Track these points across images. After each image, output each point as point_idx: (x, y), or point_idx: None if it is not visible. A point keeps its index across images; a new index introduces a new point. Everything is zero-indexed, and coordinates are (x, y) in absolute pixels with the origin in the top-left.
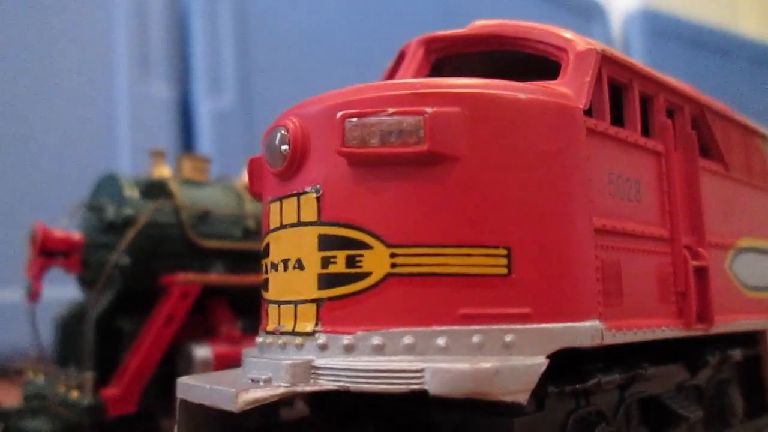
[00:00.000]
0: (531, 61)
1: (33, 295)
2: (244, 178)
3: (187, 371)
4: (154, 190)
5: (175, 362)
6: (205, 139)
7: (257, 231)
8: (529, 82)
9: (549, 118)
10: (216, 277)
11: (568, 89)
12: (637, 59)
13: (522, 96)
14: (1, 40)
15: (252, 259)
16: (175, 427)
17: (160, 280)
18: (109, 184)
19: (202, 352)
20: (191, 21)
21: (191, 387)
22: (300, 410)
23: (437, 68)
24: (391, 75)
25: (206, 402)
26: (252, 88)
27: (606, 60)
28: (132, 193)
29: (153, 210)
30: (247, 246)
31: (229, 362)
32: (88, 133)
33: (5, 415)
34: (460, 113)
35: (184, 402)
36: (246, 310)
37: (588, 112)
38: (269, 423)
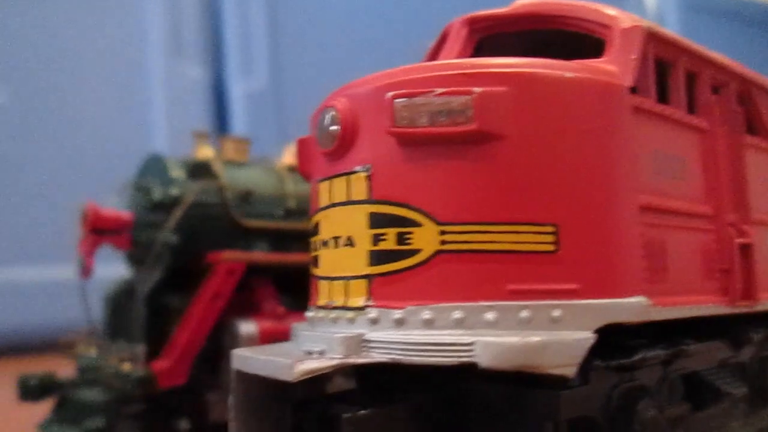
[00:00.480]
0: (571, 40)
1: (85, 271)
2: (284, 158)
3: (233, 347)
4: (199, 170)
5: (219, 338)
6: (238, 120)
7: (298, 211)
8: (574, 61)
9: (595, 97)
10: (260, 255)
11: (614, 67)
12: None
13: (568, 74)
14: (39, 24)
15: (293, 239)
16: (230, 397)
17: (205, 258)
18: (155, 165)
19: (247, 328)
20: (223, 2)
21: (247, 358)
22: (338, 384)
23: (479, 48)
24: (434, 55)
25: (262, 372)
26: (284, 68)
27: (652, 37)
28: (178, 173)
29: (198, 190)
30: (288, 225)
31: (273, 338)
32: (125, 114)
33: (61, 385)
34: (507, 92)
35: (239, 373)
36: (287, 288)
37: (633, 90)
38: (317, 395)
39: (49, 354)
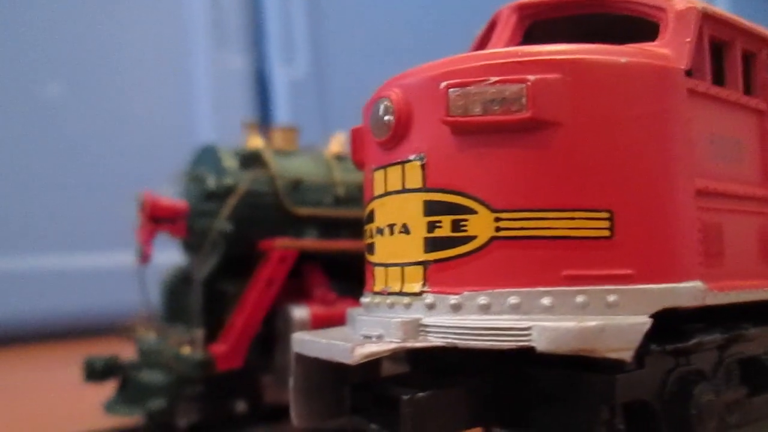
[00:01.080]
0: (623, 23)
1: (144, 258)
2: (331, 147)
3: (286, 331)
4: (250, 160)
5: (272, 323)
6: (281, 107)
7: (346, 198)
8: (627, 45)
9: (650, 81)
10: (311, 242)
11: (668, 50)
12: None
13: (622, 60)
14: (89, 20)
15: (342, 226)
16: (291, 379)
17: (258, 245)
18: (208, 155)
19: (299, 313)
20: None
21: (307, 342)
22: (386, 369)
23: (528, 35)
24: (483, 42)
25: (323, 356)
26: (325, 55)
27: (707, 18)
28: (230, 163)
29: (251, 179)
30: (337, 213)
31: (324, 323)
32: (172, 104)
33: (124, 367)
34: (561, 79)
35: (299, 356)
36: (336, 274)
37: (688, 73)
38: (372, 378)
39: (110, 337)
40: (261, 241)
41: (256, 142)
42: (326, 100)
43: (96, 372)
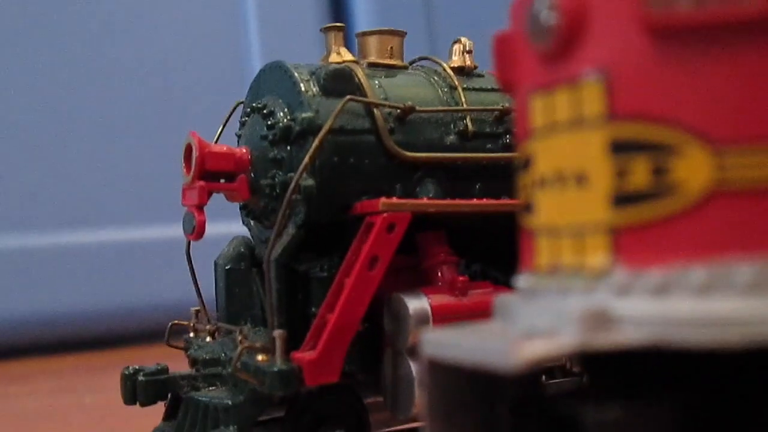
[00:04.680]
0: None
1: (198, 231)
2: (454, 58)
3: (397, 330)
4: (336, 82)
5: (377, 318)
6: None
7: (476, 134)
8: None
9: None
10: (429, 202)
11: None
12: None
13: None
14: None
15: (472, 177)
16: (422, 395)
17: (354, 207)
18: (276, 78)
19: (416, 304)
20: None
21: (445, 343)
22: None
23: None
24: None
25: (468, 361)
26: None
27: None
28: (308, 87)
29: (339, 111)
30: (465, 157)
31: (451, 317)
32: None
33: (174, 383)
34: None
35: (434, 363)
36: (468, 247)
37: None
38: (535, 391)
39: (150, 345)
40: (358, 201)
41: (343, 54)
42: None
43: (139, 391)
